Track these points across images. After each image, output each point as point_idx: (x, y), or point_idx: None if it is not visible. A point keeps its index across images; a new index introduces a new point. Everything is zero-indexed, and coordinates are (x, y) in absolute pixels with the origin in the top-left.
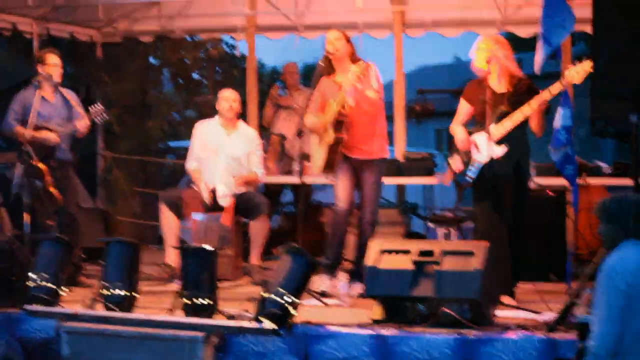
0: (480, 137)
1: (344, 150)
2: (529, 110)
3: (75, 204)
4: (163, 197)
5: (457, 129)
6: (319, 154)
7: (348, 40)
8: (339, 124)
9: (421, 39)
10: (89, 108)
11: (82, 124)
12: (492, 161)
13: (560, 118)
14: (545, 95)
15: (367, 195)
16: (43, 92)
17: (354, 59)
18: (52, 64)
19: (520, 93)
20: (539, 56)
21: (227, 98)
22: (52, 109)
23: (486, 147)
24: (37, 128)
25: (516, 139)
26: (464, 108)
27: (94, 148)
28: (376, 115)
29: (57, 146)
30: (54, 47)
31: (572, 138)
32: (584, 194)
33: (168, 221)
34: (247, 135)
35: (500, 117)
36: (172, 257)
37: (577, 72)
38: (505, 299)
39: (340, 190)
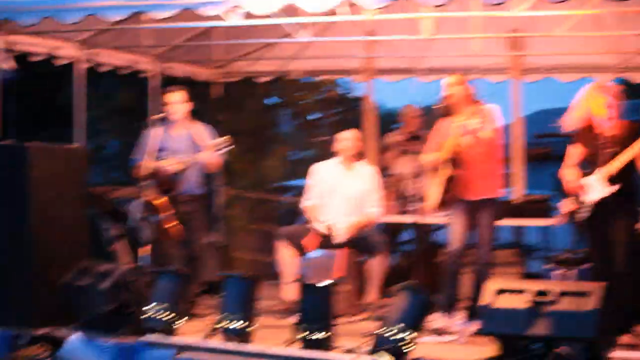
0: (590, 179)
1: (458, 191)
2: (637, 149)
3: (199, 238)
4: (281, 233)
5: (567, 172)
6: (433, 192)
7: (465, 84)
8: (453, 161)
9: (538, 84)
10: (212, 140)
11: (203, 156)
12: (603, 202)
13: None
14: None
15: (482, 236)
16: (169, 128)
17: (472, 102)
18: (173, 102)
19: (629, 135)
20: None
21: (347, 137)
22: (176, 144)
23: (596, 188)
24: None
25: (627, 179)
26: (575, 151)
27: (214, 184)
28: (491, 156)
29: (184, 180)
30: (170, 86)
31: None
32: None
33: (285, 257)
34: (365, 173)
35: (610, 159)
36: (289, 292)
37: None
38: (625, 339)
39: (454, 231)
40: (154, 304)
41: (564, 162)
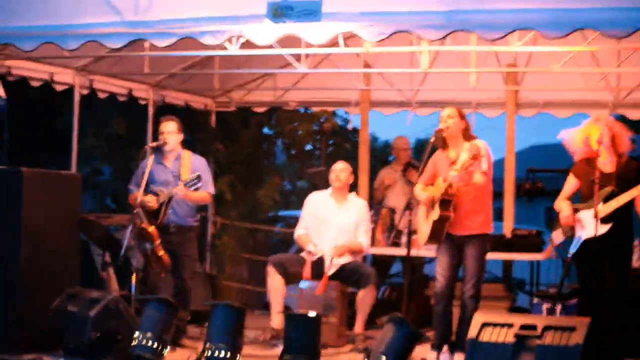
0: (585, 214)
1: (447, 227)
2: (636, 192)
3: (189, 269)
4: (272, 260)
5: (563, 204)
6: (425, 227)
7: (462, 117)
8: (445, 202)
9: (534, 119)
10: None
11: (177, 190)
12: (596, 238)
13: None
14: None
15: (469, 269)
16: (162, 157)
17: (467, 135)
18: (166, 132)
19: (628, 175)
20: None
21: (336, 169)
22: (166, 174)
23: (591, 225)
24: (149, 192)
25: (621, 218)
26: (571, 184)
27: (205, 213)
28: (482, 195)
29: (173, 211)
30: (167, 114)
31: None
32: None
33: (275, 284)
34: (356, 206)
35: (608, 197)
36: (278, 320)
37: None
38: None
39: (441, 266)
40: (141, 332)
41: (560, 194)
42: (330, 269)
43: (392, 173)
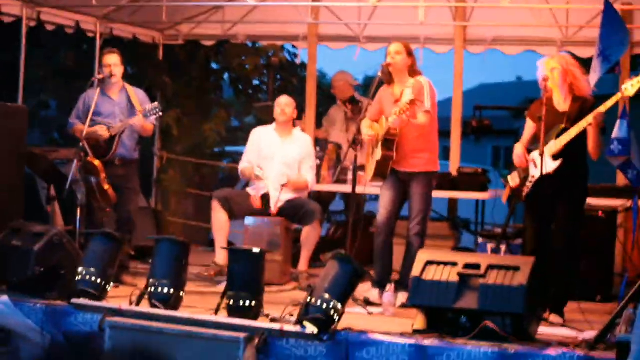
0: (537, 154)
1: (392, 164)
2: (585, 123)
3: (134, 202)
4: (216, 195)
5: (516, 146)
6: (370, 165)
7: (409, 53)
8: (388, 142)
9: (482, 55)
10: (143, 106)
11: (135, 120)
12: (548, 178)
13: (617, 130)
14: (599, 109)
15: (414, 207)
16: (107, 90)
17: (413, 72)
18: (111, 64)
19: (582, 112)
20: (596, 73)
21: (281, 103)
22: (113, 107)
23: (539, 164)
24: (94, 124)
25: (574, 157)
26: (528, 126)
27: (151, 148)
28: (427, 133)
29: (118, 144)
30: (114, 47)
31: (630, 149)
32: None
33: (219, 220)
34: (301, 141)
35: (559, 134)
36: (222, 256)
37: (631, 85)
38: (553, 317)
39: (384, 200)
40: (84, 267)
41: (522, 137)
42: (277, 205)
43: (337, 109)
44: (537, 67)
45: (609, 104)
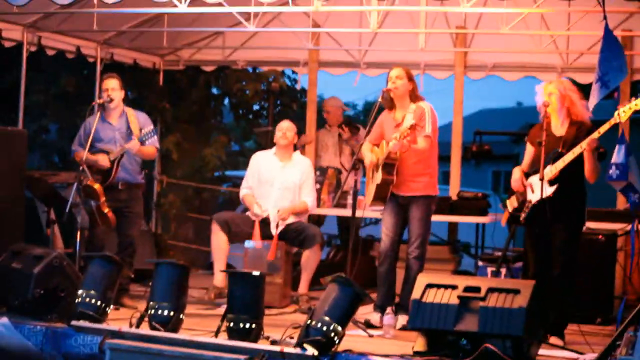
0: (535, 178)
1: (392, 188)
2: (579, 149)
3: (136, 227)
4: (216, 218)
5: (514, 170)
6: (370, 189)
7: (410, 78)
8: (388, 166)
9: (482, 81)
10: (144, 129)
11: (130, 145)
12: (546, 202)
13: (615, 155)
14: (593, 135)
15: (413, 231)
16: (107, 116)
17: (415, 97)
18: (109, 88)
19: (578, 136)
20: (595, 98)
21: (282, 127)
22: (113, 132)
23: (537, 188)
24: (95, 151)
25: (571, 181)
26: (528, 152)
27: (151, 172)
28: (426, 157)
29: (120, 168)
30: (114, 72)
31: (627, 173)
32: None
33: (219, 242)
34: (301, 164)
35: (556, 159)
36: (220, 278)
37: (623, 112)
38: (553, 340)
39: (386, 225)
40: (84, 289)
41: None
42: (277, 230)
43: (326, 133)
44: (535, 92)
45: (603, 129)
